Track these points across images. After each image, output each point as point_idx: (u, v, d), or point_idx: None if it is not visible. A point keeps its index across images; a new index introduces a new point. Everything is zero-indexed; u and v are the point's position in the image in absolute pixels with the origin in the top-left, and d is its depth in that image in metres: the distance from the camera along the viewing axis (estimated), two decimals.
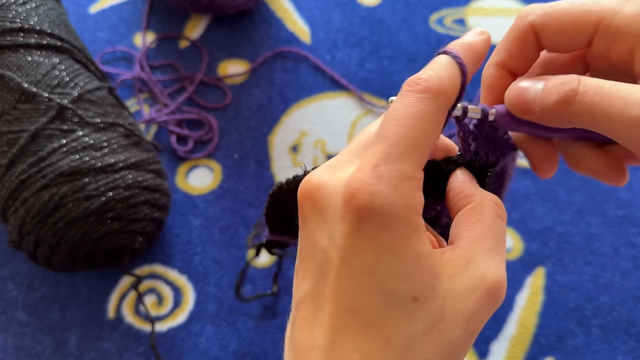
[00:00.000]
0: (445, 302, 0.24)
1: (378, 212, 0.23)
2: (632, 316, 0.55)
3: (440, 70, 0.25)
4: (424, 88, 0.24)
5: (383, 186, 0.23)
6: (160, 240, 0.60)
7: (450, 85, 0.25)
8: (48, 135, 0.51)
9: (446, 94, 0.25)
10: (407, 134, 0.24)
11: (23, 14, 0.56)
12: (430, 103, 0.24)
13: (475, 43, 0.27)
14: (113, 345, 0.54)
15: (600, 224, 0.61)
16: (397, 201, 0.23)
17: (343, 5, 0.80)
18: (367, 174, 0.23)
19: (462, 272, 0.24)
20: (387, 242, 0.23)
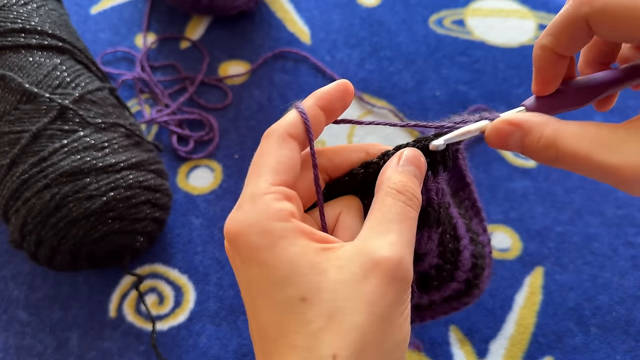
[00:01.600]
0: (336, 293, 0.24)
1: (241, 234, 0.26)
2: (630, 315, 0.55)
3: (282, 120, 0.31)
4: (266, 133, 0.30)
5: (240, 213, 0.27)
6: (161, 240, 0.60)
7: (281, 130, 0.30)
8: (49, 135, 0.51)
9: (278, 133, 0.30)
10: (253, 167, 0.29)
11: (24, 15, 0.56)
12: (268, 140, 0.30)
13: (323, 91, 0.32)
14: (114, 344, 0.55)
15: (598, 223, 0.61)
16: (254, 218, 0.26)
17: (343, 6, 0.80)
18: (232, 212, 0.27)
19: (353, 259, 0.25)
20: (257, 258, 0.25)
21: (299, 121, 0.30)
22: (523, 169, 0.65)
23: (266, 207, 0.26)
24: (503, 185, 0.64)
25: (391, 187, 0.28)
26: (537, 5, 0.79)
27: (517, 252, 0.59)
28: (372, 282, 0.24)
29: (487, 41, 0.76)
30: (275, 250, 0.25)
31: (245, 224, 0.26)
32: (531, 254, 0.59)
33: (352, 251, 0.25)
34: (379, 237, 0.26)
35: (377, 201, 0.28)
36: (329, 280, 0.24)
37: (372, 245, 0.25)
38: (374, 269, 0.25)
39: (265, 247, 0.25)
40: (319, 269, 0.25)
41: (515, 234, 0.60)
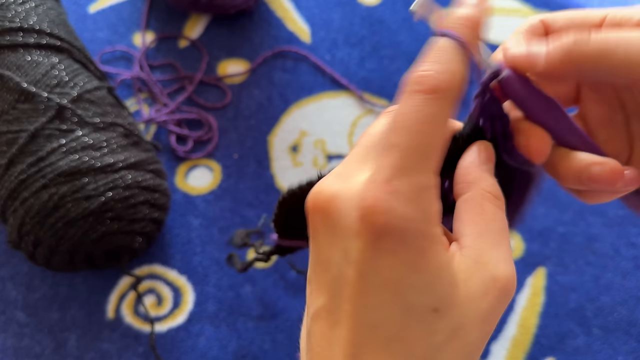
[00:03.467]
0: (463, 307, 0.23)
1: (396, 229, 0.22)
2: (633, 316, 0.55)
3: (445, 61, 0.23)
4: (432, 88, 0.23)
5: (399, 202, 0.22)
6: (159, 240, 0.60)
7: (458, 79, 0.23)
8: (47, 135, 0.51)
9: (455, 90, 0.23)
10: (419, 142, 0.22)
11: (22, 14, 0.56)
12: (440, 103, 0.23)
13: (476, 16, 0.25)
14: (112, 345, 0.54)
15: (601, 224, 0.60)
16: (414, 215, 0.22)
17: (343, 4, 0.80)
18: (382, 189, 0.22)
19: (473, 273, 0.24)
20: (406, 257, 0.23)
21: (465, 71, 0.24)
22: None
23: (429, 206, 0.23)
24: None
25: (487, 190, 0.25)
26: (539, 4, 0.79)
27: (519, 252, 0.59)
28: (490, 300, 0.23)
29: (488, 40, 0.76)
30: (427, 254, 0.23)
31: (401, 216, 0.22)
32: (533, 254, 0.59)
33: (470, 264, 0.24)
34: (491, 250, 0.24)
35: (471, 204, 0.25)
36: (460, 294, 0.23)
37: (487, 260, 0.24)
38: (493, 287, 0.24)
39: (418, 248, 0.23)
40: (454, 281, 0.23)
41: (518, 234, 0.60)
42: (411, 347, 0.23)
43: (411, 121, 0.22)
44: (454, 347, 0.23)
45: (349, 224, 0.23)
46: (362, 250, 0.23)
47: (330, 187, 0.24)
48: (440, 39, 0.24)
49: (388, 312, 0.23)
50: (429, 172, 0.23)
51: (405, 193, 0.22)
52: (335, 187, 0.24)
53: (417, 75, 0.23)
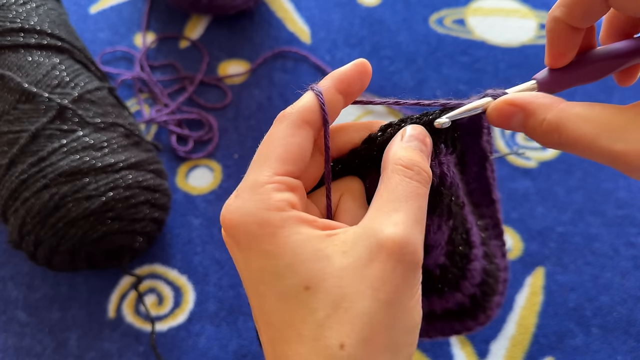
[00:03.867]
0: (341, 279, 0.23)
1: (239, 224, 0.25)
2: (632, 316, 0.55)
3: (298, 103, 0.29)
4: (279, 116, 0.28)
5: (240, 202, 0.26)
6: (160, 240, 0.60)
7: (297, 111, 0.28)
8: (48, 135, 0.51)
9: (291, 117, 0.28)
10: (259, 152, 0.27)
11: (23, 14, 0.56)
12: (280, 127, 0.28)
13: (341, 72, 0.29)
14: (113, 345, 0.54)
15: (600, 224, 0.61)
16: (253, 207, 0.25)
17: (343, 5, 0.80)
18: (231, 197, 0.27)
19: (358, 242, 0.24)
20: (258, 247, 0.25)
21: (315, 106, 0.28)
22: (524, 169, 0.64)
23: (267, 197, 0.25)
24: (504, 185, 0.63)
25: (397, 162, 0.27)
26: (538, 5, 0.79)
27: (518, 252, 0.59)
28: (377, 266, 0.23)
29: (487, 40, 0.76)
30: (276, 239, 0.24)
31: (244, 212, 0.25)
32: (532, 254, 0.59)
33: (357, 234, 0.25)
34: (384, 217, 0.25)
35: (383, 179, 0.27)
36: (333, 267, 0.24)
37: (377, 226, 0.24)
38: (379, 252, 0.24)
39: (265, 236, 0.25)
40: (322, 255, 0.24)
41: (517, 234, 0.60)
42: (299, 329, 0.24)
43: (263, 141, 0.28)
44: (341, 320, 0.23)
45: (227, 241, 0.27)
46: (233, 254, 0.26)
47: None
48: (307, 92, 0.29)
49: (268, 303, 0.25)
50: (267, 171, 0.26)
51: (244, 192, 0.26)
52: None
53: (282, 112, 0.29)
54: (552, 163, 0.65)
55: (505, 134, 0.68)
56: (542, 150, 0.66)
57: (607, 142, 0.24)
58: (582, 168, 0.64)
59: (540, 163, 0.65)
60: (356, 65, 0.29)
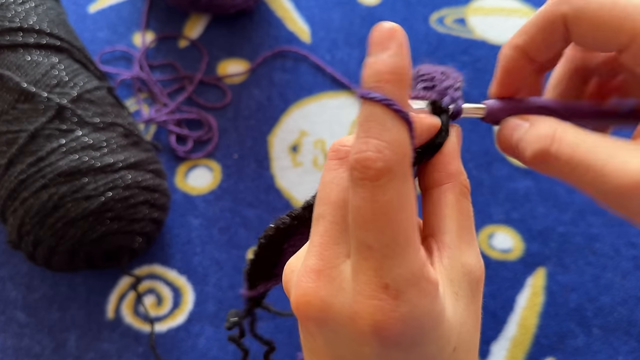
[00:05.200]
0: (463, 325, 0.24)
1: (411, 333, 0.21)
2: (633, 316, 0.55)
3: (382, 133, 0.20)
4: (379, 172, 0.20)
5: (407, 307, 0.20)
6: (159, 240, 0.60)
7: (403, 148, 0.20)
8: (47, 135, 0.51)
9: (404, 160, 0.20)
10: (393, 234, 0.20)
11: (22, 14, 0.56)
12: (396, 184, 0.20)
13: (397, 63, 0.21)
14: (112, 345, 0.54)
15: (601, 224, 0.60)
16: (424, 312, 0.21)
17: (343, 4, 0.80)
18: (384, 299, 0.20)
19: (463, 280, 0.24)
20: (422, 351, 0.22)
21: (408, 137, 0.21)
22: (525, 169, 0.64)
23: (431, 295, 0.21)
24: (505, 185, 0.63)
25: (465, 184, 0.25)
26: (539, 4, 0.79)
27: (519, 252, 0.59)
28: (479, 298, 0.24)
29: (488, 40, 0.76)
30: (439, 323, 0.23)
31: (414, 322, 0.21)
32: (533, 254, 0.59)
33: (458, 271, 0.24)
34: (469, 248, 0.24)
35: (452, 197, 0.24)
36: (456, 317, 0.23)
37: (469, 260, 0.24)
38: (478, 285, 0.24)
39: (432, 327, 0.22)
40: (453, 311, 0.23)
41: (517, 234, 0.60)
42: None
43: (375, 216, 0.20)
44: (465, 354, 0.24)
45: (354, 333, 0.21)
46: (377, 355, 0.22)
47: (317, 293, 0.22)
48: (366, 107, 0.21)
49: None
50: (417, 259, 0.21)
51: (408, 294, 0.20)
52: (322, 292, 0.22)
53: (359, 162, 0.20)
54: None
55: None
56: None
57: (600, 162, 0.22)
58: None
59: None
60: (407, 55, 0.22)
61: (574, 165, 0.23)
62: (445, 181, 0.25)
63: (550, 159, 0.24)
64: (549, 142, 0.24)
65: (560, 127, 0.24)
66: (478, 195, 0.63)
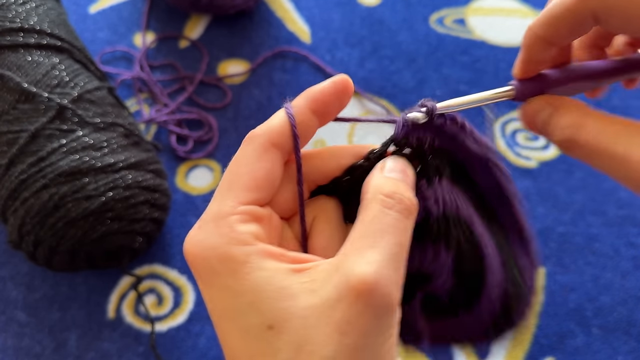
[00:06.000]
0: (305, 320, 0.22)
1: (202, 259, 0.24)
2: (632, 316, 0.55)
3: (270, 120, 0.27)
4: (246, 137, 0.27)
5: (202, 234, 0.24)
6: (160, 240, 0.60)
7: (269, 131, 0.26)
8: (48, 135, 0.51)
9: (260, 138, 0.26)
10: (225, 178, 0.26)
11: (23, 14, 0.56)
12: (248, 148, 0.26)
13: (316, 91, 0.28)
14: (113, 345, 0.54)
15: (600, 224, 0.61)
16: (215, 241, 0.24)
17: (343, 4, 0.80)
18: (193, 228, 0.25)
19: (328, 281, 0.22)
20: (219, 283, 0.24)
21: (286, 128, 0.26)
22: (524, 169, 0.64)
23: (229, 230, 0.24)
24: None
25: (377, 191, 0.25)
26: (538, 4, 0.79)
27: None
28: (344, 308, 0.21)
29: (488, 40, 0.76)
30: (238, 275, 0.23)
31: (205, 246, 0.24)
32: None
33: (328, 271, 0.23)
34: (358, 253, 0.23)
35: (361, 209, 0.25)
36: (298, 306, 0.22)
37: (349, 264, 0.22)
38: (348, 293, 0.22)
39: (226, 272, 0.23)
40: (287, 294, 0.22)
41: None
42: None
43: (229, 164, 0.26)
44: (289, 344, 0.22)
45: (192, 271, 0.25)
46: (200, 287, 0.25)
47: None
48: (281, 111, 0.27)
49: (232, 340, 0.24)
50: (231, 201, 0.25)
51: (207, 224, 0.25)
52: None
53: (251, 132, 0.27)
54: (552, 163, 0.65)
55: (505, 134, 0.67)
56: (542, 151, 0.66)
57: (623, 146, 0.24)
58: (583, 168, 0.64)
59: (540, 163, 0.65)
60: (335, 84, 0.28)
61: (599, 153, 0.25)
62: (364, 195, 0.26)
63: (575, 147, 0.26)
64: (574, 132, 0.26)
65: (583, 117, 0.26)
66: None
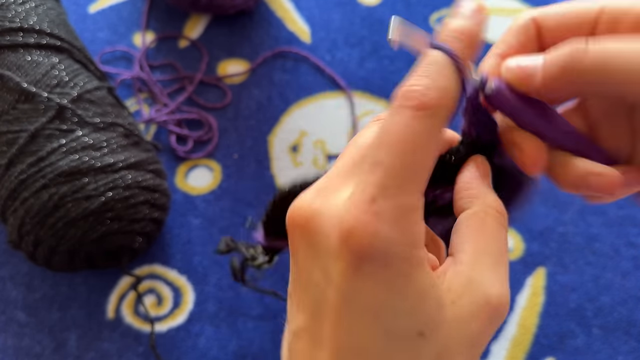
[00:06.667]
0: (450, 330, 0.22)
1: (378, 252, 0.21)
2: (632, 316, 0.55)
3: (437, 77, 0.22)
4: (421, 104, 0.21)
5: (382, 225, 0.21)
6: (159, 240, 0.60)
7: (450, 97, 0.22)
8: (47, 135, 0.51)
9: (445, 107, 0.22)
10: (405, 161, 0.21)
11: (22, 14, 0.56)
12: (429, 121, 0.21)
13: (472, 29, 0.24)
14: (113, 345, 0.54)
15: (600, 224, 0.60)
16: (398, 239, 0.21)
17: (343, 4, 0.80)
18: (365, 210, 0.21)
19: (465, 293, 0.23)
20: (388, 281, 0.22)
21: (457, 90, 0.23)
22: None
23: (413, 230, 0.22)
24: None
25: (490, 205, 0.25)
26: (538, 4, 0.79)
27: (519, 252, 0.59)
28: (480, 323, 0.22)
29: (488, 40, 0.76)
30: (410, 278, 0.22)
31: (387, 241, 0.21)
32: (533, 254, 0.59)
33: (463, 284, 0.23)
34: (489, 271, 0.23)
35: (475, 219, 0.24)
36: (447, 316, 0.22)
37: (482, 280, 0.23)
38: (484, 309, 0.23)
39: (400, 272, 0.22)
40: (440, 303, 0.22)
41: (517, 234, 0.60)
42: None
43: (397, 138, 0.21)
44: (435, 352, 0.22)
45: (330, 244, 0.22)
46: (343, 272, 0.22)
47: (311, 204, 0.23)
48: (431, 52, 0.23)
49: (371, 336, 0.22)
50: (414, 193, 0.22)
51: (389, 214, 0.21)
52: (316, 203, 0.23)
53: (406, 90, 0.22)
54: None
55: None
56: None
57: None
58: None
59: None
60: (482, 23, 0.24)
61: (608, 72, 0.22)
62: (469, 205, 0.25)
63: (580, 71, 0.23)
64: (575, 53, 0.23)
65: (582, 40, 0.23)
66: None
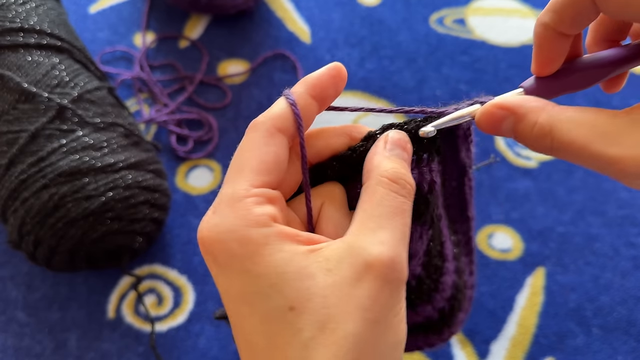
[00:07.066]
0: (326, 299, 0.23)
1: (218, 242, 0.24)
2: (632, 316, 0.55)
3: (269, 109, 0.28)
4: (252, 125, 0.28)
5: (217, 218, 0.24)
6: (160, 240, 0.60)
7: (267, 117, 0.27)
8: (48, 135, 0.51)
9: (261, 125, 0.27)
10: (234, 164, 0.27)
11: (23, 14, 0.56)
12: (250, 135, 0.27)
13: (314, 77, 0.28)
14: (113, 345, 0.54)
15: (600, 224, 0.61)
16: (233, 224, 0.24)
17: (343, 4, 0.80)
18: (207, 214, 0.25)
19: (343, 259, 0.23)
20: (239, 267, 0.24)
21: (289, 113, 0.27)
22: (524, 169, 0.64)
23: (246, 212, 0.24)
24: (504, 185, 0.63)
25: (382, 174, 0.26)
26: (538, 4, 0.79)
27: (519, 252, 0.59)
28: (365, 286, 0.23)
29: (488, 40, 0.76)
30: (258, 258, 0.23)
31: (223, 229, 0.24)
32: (532, 254, 0.59)
33: (342, 251, 0.24)
34: (370, 234, 0.24)
35: (367, 191, 0.26)
36: (318, 286, 0.23)
37: (362, 244, 0.24)
38: (367, 271, 0.23)
39: (247, 255, 0.23)
40: (306, 274, 0.23)
41: (517, 234, 0.60)
42: (284, 351, 0.23)
43: (237, 149, 0.27)
44: (328, 341, 0.22)
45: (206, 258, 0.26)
46: (214, 274, 0.25)
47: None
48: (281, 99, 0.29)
49: (251, 323, 0.24)
50: (244, 183, 0.25)
51: (222, 208, 0.25)
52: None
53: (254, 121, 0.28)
54: (552, 163, 0.65)
55: None
56: None
57: (600, 147, 0.23)
58: (583, 168, 0.64)
59: (540, 163, 0.65)
60: (330, 70, 0.28)
61: (576, 151, 0.24)
62: (366, 180, 0.27)
63: (552, 151, 0.25)
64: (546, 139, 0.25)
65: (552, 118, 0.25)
66: (478, 195, 0.63)
